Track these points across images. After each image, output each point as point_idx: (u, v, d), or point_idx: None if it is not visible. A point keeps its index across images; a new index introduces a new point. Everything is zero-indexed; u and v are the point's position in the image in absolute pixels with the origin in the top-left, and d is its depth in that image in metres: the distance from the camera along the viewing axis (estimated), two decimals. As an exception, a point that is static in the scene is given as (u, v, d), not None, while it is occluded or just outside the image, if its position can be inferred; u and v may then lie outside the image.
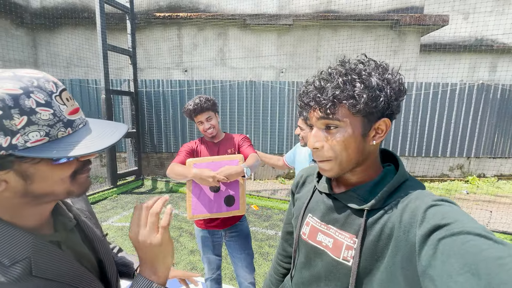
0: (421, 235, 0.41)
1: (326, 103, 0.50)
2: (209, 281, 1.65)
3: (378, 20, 6.06)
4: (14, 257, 0.39)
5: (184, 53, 6.42)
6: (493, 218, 3.41)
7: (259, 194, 4.44)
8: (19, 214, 0.42)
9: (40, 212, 0.45)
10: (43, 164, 0.39)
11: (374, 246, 0.51)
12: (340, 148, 0.53)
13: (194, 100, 1.46)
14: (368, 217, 0.53)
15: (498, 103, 5.09)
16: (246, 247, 1.57)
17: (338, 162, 0.54)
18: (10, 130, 0.34)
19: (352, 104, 0.49)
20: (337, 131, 0.52)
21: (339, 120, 0.51)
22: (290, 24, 6.12)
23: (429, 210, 0.43)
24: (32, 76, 0.38)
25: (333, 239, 0.57)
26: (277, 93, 5.17)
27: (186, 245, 2.72)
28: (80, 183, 0.45)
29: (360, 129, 0.52)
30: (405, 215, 0.47)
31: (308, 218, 0.65)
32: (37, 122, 0.36)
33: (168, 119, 5.38)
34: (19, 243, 0.40)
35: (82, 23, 6.47)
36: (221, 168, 1.32)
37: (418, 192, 0.50)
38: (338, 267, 0.56)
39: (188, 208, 1.41)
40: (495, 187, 4.96)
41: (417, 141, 5.23)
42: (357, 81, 0.50)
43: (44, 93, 0.38)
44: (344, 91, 0.49)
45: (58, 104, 0.39)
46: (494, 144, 5.26)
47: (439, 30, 7.16)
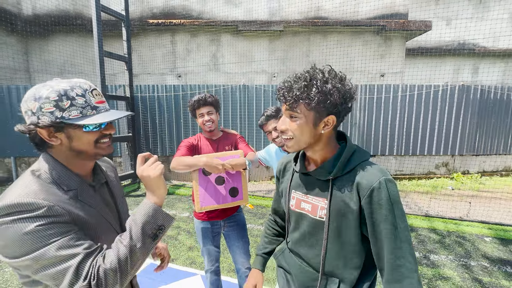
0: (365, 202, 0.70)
1: (290, 100, 0.71)
2: (209, 273, 1.74)
3: (365, 26, 6.33)
4: (69, 185, 0.66)
5: (177, 59, 6.54)
6: (472, 209, 3.62)
7: (254, 194, 4.56)
8: (71, 163, 0.69)
9: (83, 165, 0.72)
10: (78, 130, 0.65)
11: (338, 204, 0.74)
12: (297, 132, 0.74)
13: (199, 94, 1.60)
14: (333, 184, 0.75)
15: (479, 103, 5.38)
16: (243, 235, 1.69)
17: (296, 141, 0.76)
18: (62, 108, 0.62)
19: (307, 103, 0.70)
20: (296, 120, 0.73)
21: (297, 112, 0.72)
22: (281, 30, 6.33)
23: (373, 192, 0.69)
24: (77, 81, 0.67)
25: (311, 204, 0.80)
26: (269, 96, 5.34)
27: (185, 242, 2.81)
28: (103, 148, 0.71)
29: (312, 121, 0.72)
30: (359, 188, 0.70)
31: (292, 193, 0.87)
32: (76, 105, 0.64)
33: (163, 123, 5.47)
34: (72, 178, 0.67)
35: (75, 30, 6.52)
36: (227, 160, 1.46)
37: (365, 167, 0.73)
38: (317, 223, 0.78)
39: (196, 201, 1.50)
40: (478, 183, 5.22)
41: (404, 140, 5.46)
42: (314, 86, 0.69)
43: (81, 89, 0.65)
44: (303, 93, 0.69)
45: (89, 96, 0.66)
46: (476, 142, 5.54)
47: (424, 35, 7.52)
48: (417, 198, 4.37)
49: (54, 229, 0.57)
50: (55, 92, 0.61)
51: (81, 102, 0.64)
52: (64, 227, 0.59)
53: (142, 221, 0.65)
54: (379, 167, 0.72)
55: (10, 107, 5.36)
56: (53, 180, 0.64)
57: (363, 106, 5.39)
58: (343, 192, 0.73)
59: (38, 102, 0.61)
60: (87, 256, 0.58)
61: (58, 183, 0.64)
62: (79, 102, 0.64)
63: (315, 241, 0.79)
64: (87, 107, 0.65)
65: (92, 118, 0.64)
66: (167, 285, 2.13)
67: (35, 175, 0.63)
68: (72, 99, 0.63)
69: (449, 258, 2.52)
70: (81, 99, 0.64)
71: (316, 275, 0.80)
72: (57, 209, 0.59)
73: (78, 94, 0.64)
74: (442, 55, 8.76)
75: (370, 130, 5.41)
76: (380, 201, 0.67)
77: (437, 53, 8.74)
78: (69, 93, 0.63)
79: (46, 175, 0.64)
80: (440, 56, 8.78)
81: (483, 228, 3.12)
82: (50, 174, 0.64)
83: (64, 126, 0.63)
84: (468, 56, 8.92)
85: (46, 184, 0.62)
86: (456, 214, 3.55)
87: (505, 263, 2.41)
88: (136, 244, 0.63)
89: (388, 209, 0.66)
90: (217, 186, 1.54)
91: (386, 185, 0.67)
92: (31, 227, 0.55)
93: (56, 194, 0.61)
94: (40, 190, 0.59)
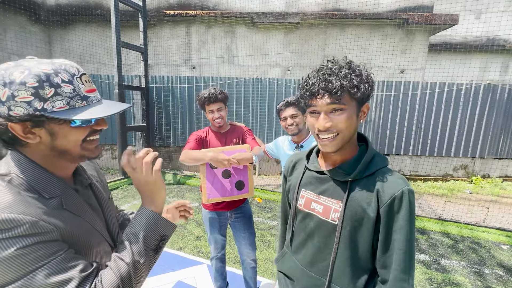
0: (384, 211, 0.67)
1: (336, 91, 0.65)
2: (215, 260, 1.79)
3: (386, 19, 6.06)
4: (51, 192, 0.53)
5: (192, 50, 6.57)
6: (490, 215, 3.46)
7: (263, 188, 4.58)
8: (52, 164, 0.56)
9: (65, 167, 0.60)
10: (64, 126, 0.53)
11: (354, 208, 0.70)
12: (345, 125, 0.68)
13: (210, 90, 1.59)
14: (351, 186, 0.71)
15: (505, 103, 5.06)
16: (249, 227, 1.72)
17: (342, 136, 0.69)
18: (43, 98, 0.48)
19: (354, 92, 0.65)
20: (342, 113, 0.67)
21: (344, 104, 0.66)
22: (297, 23, 6.18)
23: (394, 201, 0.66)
24: (61, 62, 0.53)
25: (323, 206, 0.76)
26: (283, 90, 5.27)
27: (193, 232, 2.89)
28: (90, 149, 0.59)
29: (355, 111, 0.69)
30: (380, 195, 0.67)
31: (302, 192, 0.83)
32: (61, 94, 0.50)
33: (176, 114, 5.56)
34: (53, 183, 0.55)
35: (95, 20, 6.68)
36: (233, 154, 1.47)
37: (386, 173, 0.70)
38: (327, 225, 0.74)
39: (204, 193, 1.56)
40: (499, 188, 4.96)
41: (421, 140, 5.25)
42: (353, 75, 0.66)
43: (68, 74, 0.52)
44: (348, 81, 0.65)
45: (78, 83, 0.53)
46: (500, 144, 5.24)
47: (450, 29, 7.09)
48: (432, 200, 4.22)
49: (41, 251, 0.46)
50: (33, 77, 0.47)
51: (68, 91, 0.51)
52: (53, 247, 0.48)
53: (144, 233, 0.58)
54: (400, 175, 0.70)
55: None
56: (30, 186, 0.51)
57: (379, 103, 5.22)
58: (361, 196, 0.69)
59: (8, 88, 0.46)
60: (84, 281, 0.49)
61: (36, 190, 0.51)
62: (66, 90, 0.51)
63: (323, 245, 0.75)
64: (76, 97, 0.52)
65: (84, 113, 0.52)
66: (174, 271, 2.20)
67: (4, 181, 0.49)
68: (57, 86, 0.49)
69: (461, 264, 2.43)
70: (68, 86, 0.51)
71: (321, 280, 0.75)
72: (42, 225, 0.47)
73: (64, 80, 0.50)
74: (469, 51, 8.27)
75: (386, 128, 5.25)
76: (400, 211, 0.65)
77: (463, 49, 8.25)
78: (53, 79, 0.49)
79: (20, 180, 0.51)
80: (466, 52, 8.29)
81: (500, 235, 2.98)
82: (25, 178, 0.51)
83: (45, 120, 0.50)
84: (497, 53, 8.37)
85: (21, 192, 0.49)
86: (472, 219, 3.41)
87: (522, 273, 2.30)
88: (140, 260, 0.56)
89: (405, 220, 0.65)
90: (224, 179, 1.56)
91: (408, 196, 0.65)
92: (11, 250, 0.44)
93: (36, 205, 0.49)
94: (16, 201, 0.47)
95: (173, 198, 3.93)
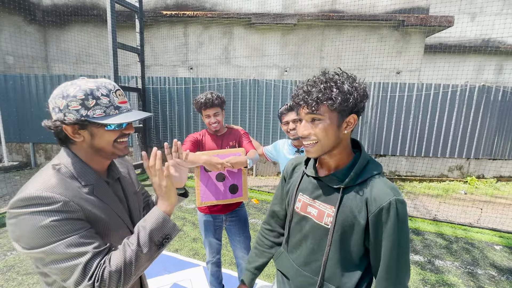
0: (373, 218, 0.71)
1: (312, 103, 0.70)
2: (210, 264, 1.80)
3: (382, 21, 6.10)
4: (87, 180, 0.69)
5: (189, 51, 6.56)
6: (484, 215, 3.50)
7: (260, 189, 4.59)
8: (90, 159, 0.72)
9: (101, 163, 0.75)
10: (100, 129, 0.68)
11: (345, 214, 0.73)
12: (322, 134, 0.72)
13: (206, 94, 1.58)
14: (343, 193, 0.75)
15: (499, 105, 5.12)
16: (245, 230, 1.72)
17: (321, 144, 0.74)
18: (87, 107, 0.65)
19: (330, 104, 0.69)
20: (319, 123, 0.72)
21: (321, 115, 0.71)
22: (294, 24, 6.20)
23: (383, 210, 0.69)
24: (103, 81, 0.69)
25: (317, 210, 0.80)
26: (280, 91, 5.29)
27: (189, 234, 2.89)
28: (120, 148, 0.74)
29: (335, 121, 0.72)
30: (369, 204, 0.70)
31: (299, 196, 0.87)
32: (100, 104, 0.66)
33: (173, 115, 5.55)
34: (90, 174, 0.70)
35: (91, 21, 6.65)
36: (228, 157, 1.48)
37: (377, 181, 0.72)
38: (321, 229, 0.78)
39: (197, 196, 1.56)
40: (493, 188, 5.02)
41: (417, 141, 5.30)
42: (333, 88, 0.69)
43: (106, 89, 0.68)
44: (324, 94, 0.69)
45: (113, 96, 0.69)
46: (494, 145, 5.30)
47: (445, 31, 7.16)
48: (427, 201, 4.26)
49: (67, 226, 0.59)
50: (82, 91, 0.64)
51: (105, 102, 0.66)
52: (77, 224, 0.61)
53: (151, 228, 0.67)
54: (391, 184, 0.72)
55: (29, 95, 5.57)
56: (72, 175, 0.67)
57: (375, 104, 5.25)
58: (353, 203, 0.72)
59: (65, 100, 0.64)
60: (95, 256, 0.60)
61: (76, 178, 0.67)
62: (104, 101, 0.66)
63: (316, 246, 0.80)
64: (111, 106, 0.68)
65: (115, 118, 0.67)
66: (170, 274, 2.20)
67: (55, 169, 0.65)
68: (97, 98, 0.65)
69: (455, 264, 2.46)
70: (106, 98, 0.67)
71: (313, 279, 0.80)
72: (71, 205, 0.61)
73: (103, 94, 0.67)
74: (464, 53, 8.35)
75: (382, 129, 5.28)
76: (387, 221, 0.68)
77: (458, 51, 8.33)
78: (95, 93, 0.65)
79: (66, 169, 0.67)
80: (462, 53, 8.37)
81: (494, 236, 3.01)
82: (70, 168, 0.67)
83: (88, 124, 0.66)
84: (492, 55, 8.46)
85: (65, 179, 0.65)
86: (466, 219, 3.45)
87: (514, 273, 2.33)
88: (143, 249, 0.65)
89: (392, 229, 0.67)
90: (217, 182, 1.57)
91: (396, 206, 0.67)
92: (47, 221, 0.57)
93: (73, 189, 0.64)
94: (58, 185, 0.62)
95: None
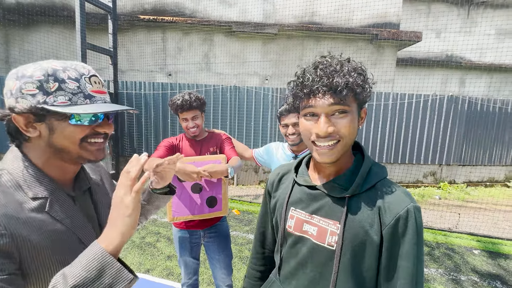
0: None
1: (341, 89, 0.53)
2: (186, 287, 1.59)
3: (358, 34, 6.36)
4: (36, 192, 0.51)
5: (168, 57, 6.34)
6: (461, 220, 3.60)
7: (241, 199, 4.40)
8: (48, 163, 0.54)
9: (62, 169, 0.57)
10: (62, 122, 0.51)
11: (355, 230, 0.57)
12: (348, 131, 0.56)
13: (183, 95, 1.39)
14: (349, 203, 0.58)
15: (466, 114, 5.46)
16: (225, 248, 1.53)
17: (343, 143, 0.58)
18: (46, 91, 0.49)
19: (359, 92, 0.54)
20: (345, 116, 0.56)
21: (348, 105, 0.55)
22: (275, 33, 6.26)
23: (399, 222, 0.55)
24: (75, 63, 0.54)
25: (317, 227, 0.62)
26: (261, 98, 5.23)
27: (163, 251, 2.62)
28: (90, 150, 0.56)
29: (356, 115, 0.58)
30: (382, 214, 0.56)
31: (291, 211, 0.68)
32: (65, 89, 0.50)
33: (149, 122, 5.25)
34: (43, 183, 0.53)
35: (61, 22, 6.23)
36: (205, 165, 1.29)
37: (387, 186, 0.59)
38: (323, 251, 0.60)
39: (168, 210, 1.35)
40: (464, 193, 5.26)
41: (394, 148, 5.46)
42: (356, 73, 0.54)
43: (76, 72, 0.52)
44: (354, 79, 0.54)
45: (85, 82, 0.53)
46: (463, 152, 5.61)
47: (414, 46, 7.65)
48: (406, 207, 4.33)
49: None
50: (41, 71, 0.49)
51: (72, 87, 0.51)
52: None
53: (74, 284, 0.42)
54: (404, 189, 0.59)
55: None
56: (17, 184, 0.50)
57: (354, 113, 5.37)
58: (362, 216, 0.57)
59: (19, 81, 0.49)
60: None
61: (22, 188, 0.50)
62: (70, 86, 0.51)
63: (318, 275, 0.62)
64: (79, 94, 0.52)
65: (82, 107, 0.51)
66: (139, 299, 1.94)
67: None
68: (62, 81, 0.50)
69: (439, 272, 2.45)
70: (73, 83, 0.51)
71: None
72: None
73: (70, 77, 0.51)
74: (431, 66, 8.96)
75: (360, 137, 5.39)
76: (405, 234, 0.54)
77: (426, 64, 8.92)
78: (59, 74, 0.50)
79: (9, 176, 0.50)
80: (429, 67, 8.97)
81: (471, 240, 3.08)
82: (16, 175, 0.51)
83: (46, 114, 0.50)
84: (455, 69, 9.16)
85: (5, 189, 0.48)
86: (445, 224, 3.52)
87: (494, 278, 2.36)
88: None
89: (412, 244, 0.54)
90: (193, 194, 1.38)
91: (414, 215, 0.54)
92: None
93: (7, 206, 0.47)
94: None
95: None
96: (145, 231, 3.01)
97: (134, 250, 2.59)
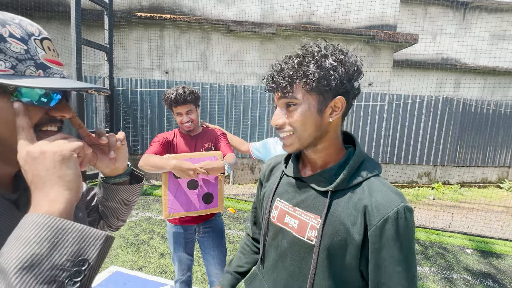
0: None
1: (283, 83, 0.55)
2: (179, 283, 1.57)
3: (355, 35, 6.39)
4: None
5: (165, 54, 6.30)
6: (454, 220, 3.64)
7: (237, 198, 4.39)
8: None
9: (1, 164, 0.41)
10: (3, 97, 0.36)
11: (335, 227, 0.55)
12: (298, 124, 0.56)
13: (177, 89, 1.37)
14: (332, 198, 0.57)
15: (460, 116, 5.53)
16: (219, 244, 1.52)
17: (297, 136, 0.58)
18: None
19: (305, 83, 0.53)
20: (295, 108, 0.56)
21: (296, 98, 0.55)
22: (272, 33, 6.27)
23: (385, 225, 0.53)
24: (18, 17, 0.39)
25: (298, 220, 0.61)
26: (258, 97, 5.23)
27: (157, 248, 2.60)
28: None
29: (316, 106, 0.56)
30: (368, 213, 0.53)
31: (276, 202, 0.68)
32: (5, 52, 0.35)
33: (145, 119, 5.21)
34: None
35: (56, 17, 6.15)
36: (202, 162, 1.29)
37: (377, 184, 0.56)
38: (303, 246, 0.59)
39: (164, 206, 1.34)
40: (458, 194, 5.32)
41: (389, 149, 5.50)
42: (311, 62, 0.53)
43: (22, 30, 0.37)
44: (297, 71, 0.54)
45: (36, 45, 0.38)
46: (457, 153, 5.67)
47: (410, 48, 7.72)
48: (400, 207, 4.36)
49: None
50: None
51: (16, 50, 0.36)
52: None
53: (24, 260, 0.28)
54: (394, 188, 0.56)
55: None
56: None
57: (350, 113, 5.38)
58: (344, 212, 0.55)
59: None
60: None
61: None
62: (13, 48, 0.36)
63: (298, 270, 0.60)
64: (28, 61, 0.37)
65: (35, 80, 0.36)
66: (132, 296, 1.92)
67: None
68: (1, 39, 0.35)
69: (432, 270, 2.46)
70: (19, 44, 0.36)
71: None
72: None
73: (13, 35, 0.36)
74: (427, 69, 9.05)
75: (356, 136, 5.41)
76: (395, 237, 0.50)
77: (422, 66, 9.01)
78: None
79: None
80: (425, 69, 9.06)
81: (464, 240, 3.11)
82: None
83: None
84: (450, 71, 9.26)
85: None
86: (438, 224, 3.55)
87: (486, 277, 2.38)
88: None
89: (402, 248, 0.51)
90: (189, 191, 1.37)
91: (404, 216, 0.51)
92: None
93: None
94: None
95: (137, 210, 3.57)
96: (139, 229, 2.99)
97: (128, 248, 2.57)
